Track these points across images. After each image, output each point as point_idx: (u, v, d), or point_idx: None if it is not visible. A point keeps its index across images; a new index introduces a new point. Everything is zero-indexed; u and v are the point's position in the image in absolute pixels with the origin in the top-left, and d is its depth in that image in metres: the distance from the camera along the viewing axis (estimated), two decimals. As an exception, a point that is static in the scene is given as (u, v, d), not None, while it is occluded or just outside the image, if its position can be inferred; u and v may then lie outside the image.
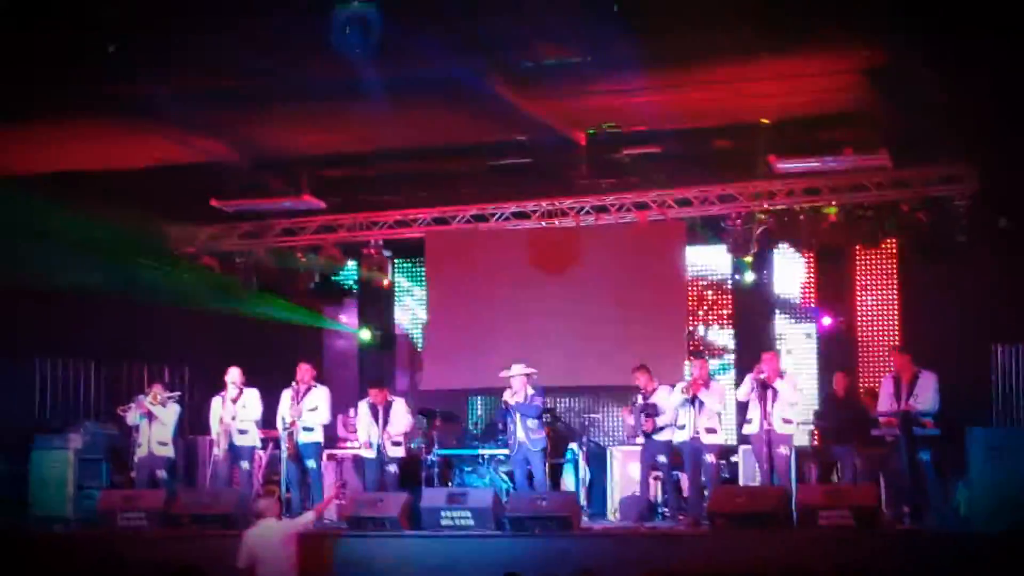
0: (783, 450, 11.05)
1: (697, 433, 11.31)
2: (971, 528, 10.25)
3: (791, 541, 9.99)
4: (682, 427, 11.43)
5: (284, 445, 11.68)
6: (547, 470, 11.75)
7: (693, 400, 11.34)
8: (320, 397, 11.91)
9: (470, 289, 14.26)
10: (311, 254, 14.53)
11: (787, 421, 11.12)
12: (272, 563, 9.42)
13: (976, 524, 10.25)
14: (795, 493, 10.74)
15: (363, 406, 11.91)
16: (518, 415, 11.50)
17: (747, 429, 11.31)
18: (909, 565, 9.41)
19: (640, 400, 11.83)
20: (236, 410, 11.88)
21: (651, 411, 11.66)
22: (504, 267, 14.10)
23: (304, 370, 11.92)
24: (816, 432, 12.73)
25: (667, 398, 11.63)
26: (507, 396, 11.57)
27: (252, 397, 12.00)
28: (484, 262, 14.20)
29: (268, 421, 12.10)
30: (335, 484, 11.91)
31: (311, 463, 11.82)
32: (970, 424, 10.71)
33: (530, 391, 11.61)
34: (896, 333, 13.63)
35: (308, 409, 11.79)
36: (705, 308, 14.50)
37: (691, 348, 13.90)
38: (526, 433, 11.50)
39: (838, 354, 13.50)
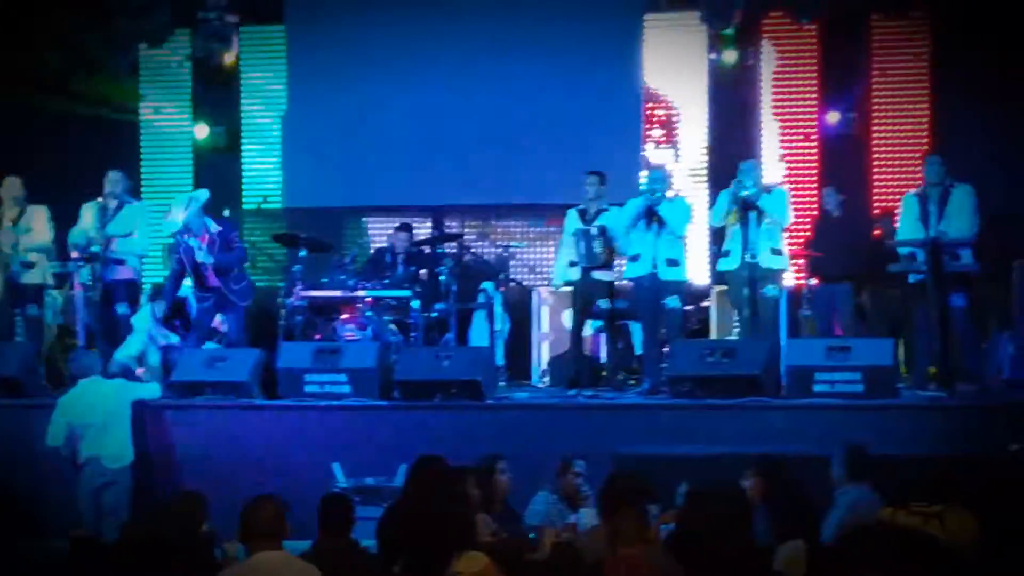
0: (771, 291, 11.06)
1: (656, 266, 11.16)
2: (1017, 395, 10.37)
3: (779, 413, 10.09)
4: (635, 258, 11.24)
5: (82, 280, 11.72)
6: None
7: (649, 216, 11.09)
8: (136, 217, 11.87)
9: (349, 68, 14.21)
10: (126, 18, 14.21)
11: (777, 252, 11.10)
12: (102, 440, 9.31)
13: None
14: (785, 349, 10.83)
15: None
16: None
17: (723, 264, 11.28)
18: (934, 443, 9.46)
19: (580, 221, 11.54)
20: (16, 235, 11.83)
21: (607, 237, 11.30)
22: (398, 35, 14.01)
23: (115, 180, 11.84)
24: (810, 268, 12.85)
25: (617, 219, 11.33)
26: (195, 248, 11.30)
27: (39, 217, 11.94)
28: (371, 27, 14.12)
29: (63, 250, 12.04)
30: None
31: (123, 308, 11.76)
32: (1019, 257, 11.03)
33: (212, 228, 11.34)
34: (926, 136, 13.62)
35: (120, 234, 11.73)
36: (668, 105, 14.32)
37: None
38: (227, 284, 11.40)
39: (846, 164, 13.58)
